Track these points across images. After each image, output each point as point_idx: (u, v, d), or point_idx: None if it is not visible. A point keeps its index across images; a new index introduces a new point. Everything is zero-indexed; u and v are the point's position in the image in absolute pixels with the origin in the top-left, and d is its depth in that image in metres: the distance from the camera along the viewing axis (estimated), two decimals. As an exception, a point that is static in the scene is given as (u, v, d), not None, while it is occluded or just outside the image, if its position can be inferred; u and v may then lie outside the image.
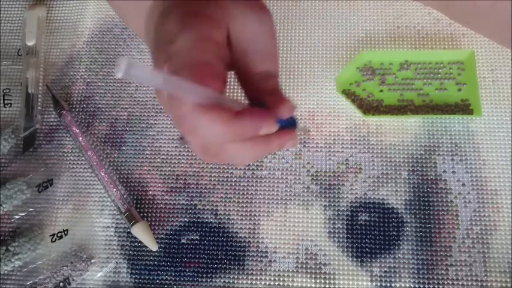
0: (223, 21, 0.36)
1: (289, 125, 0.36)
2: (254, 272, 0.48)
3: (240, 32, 0.36)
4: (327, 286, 0.47)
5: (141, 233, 0.49)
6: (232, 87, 0.55)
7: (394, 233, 0.48)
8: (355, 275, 0.47)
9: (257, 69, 0.37)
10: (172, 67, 0.33)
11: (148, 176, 0.52)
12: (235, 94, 0.55)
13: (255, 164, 0.52)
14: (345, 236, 0.49)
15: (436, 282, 0.46)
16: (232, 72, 0.38)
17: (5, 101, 0.57)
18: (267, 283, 0.47)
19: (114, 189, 0.51)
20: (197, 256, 0.49)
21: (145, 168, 0.53)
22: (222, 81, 0.34)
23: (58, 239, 0.51)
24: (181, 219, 0.50)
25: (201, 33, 0.34)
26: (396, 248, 0.48)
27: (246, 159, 0.37)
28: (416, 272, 0.47)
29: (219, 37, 0.35)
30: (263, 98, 0.36)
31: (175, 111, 0.33)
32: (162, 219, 0.50)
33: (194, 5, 0.36)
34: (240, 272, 0.48)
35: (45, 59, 0.59)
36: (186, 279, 0.48)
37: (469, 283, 0.46)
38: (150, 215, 0.51)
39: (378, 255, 0.48)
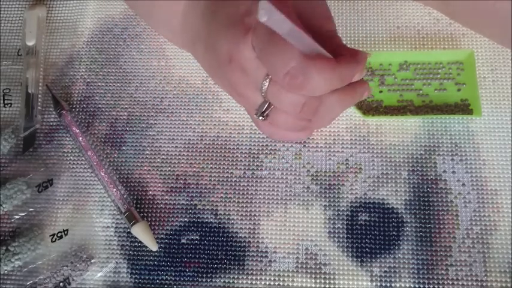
0: None
1: None
2: (254, 272, 0.48)
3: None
4: (327, 286, 0.47)
5: (141, 233, 0.49)
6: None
7: (394, 233, 0.48)
8: (355, 275, 0.47)
9: (320, 30, 0.37)
10: (260, 32, 0.34)
11: (148, 176, 0.52)
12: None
13: (255, 164, 0.52)
14: (345, 236, 0.49)
15: (436, 282, 0.46)
16: None
17: (5, 101, 0.57)
18: (267, 283, 0.47)
19: (114, 189, 0.51)
20: (197, 256, 0.49)
21: (145, 168, 0.53)
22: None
23: (58, 239, 0.51)
24: (181, 219, 0.50)
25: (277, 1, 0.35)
26: (396, 248, 0.48)
27: (337, 112, 0.39)
28: (416, 272, 0.47)
29: (290, 4, 0.36)
30: (339, 50, 0.37)
31: (282, 68, 0.33)
32: (162, 219, 0.50)
33: None
34: (240, 272, 0.48)
35: (45, 59, 0.59)
36: (186, 279, 0.48)
37: (469, 283, 0.46)
38: (150, 215, 0.51)
39: (378, 255, 0.48)
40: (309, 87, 0.34)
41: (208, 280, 0.48)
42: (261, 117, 0.39)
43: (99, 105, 0.56)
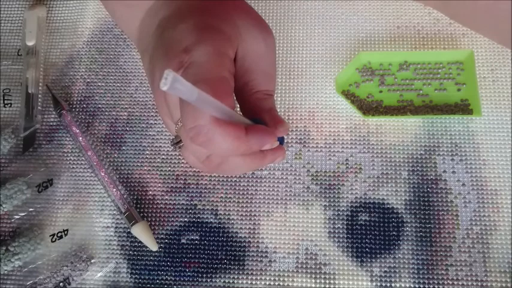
0: (236, 39, 0.37)
1: (279, 141, 0.39)
2: (254, 272, 0.48)
3: (247, 51, 0.38)
4: (327, 286, 0.47)
5: (141, 233, 0.49)
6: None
7: (394, 233, 0.48)
8: (355, 275, 0.47)
9: (258, 88, 0.39)
10: (188, 77, 0.35)
11: (148, 176, 0.52)
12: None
13: (255, 164, 0.52)
14: (345, 236, 0.49)
15: (436, 282, 0.46)
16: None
17: (5, 101, 0.57)
18: (267, 283, 0.47)
19: (114, 189, 0.51)
20: (197, 256, 0.49)
21: (145, 168, 0.53)
22: (233, 98, 0.36)
23: (58, 239, 0.51)
24: (181, 219, 0.50)
25: (219, 49, 0.36)
26: (396, 248, 0.48)
27: (242, 170, 0.39)
28: (416, 272, 0.47)
29: (232, 54, 0.37)
30: (261, 115, 0.38)
31: (189, 123, 0.34)
32: (162, 219, 0.50)
33: (210, 17, 0.38)
34: (240, 272, 0.48)
35: (45, 59, 0.59)
36: (186, 279, 0.48)
37: (469, 283, 0.46)
38: (150, 215, 0.51)
39: (378, 255, 0.48)
40: (210, 147, 0.34)
41: (208, 280, 0.48)
42: (173, 148, 0.40)
43: (99, 105, 0.56)
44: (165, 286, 0.48)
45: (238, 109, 0.40)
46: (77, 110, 0.56)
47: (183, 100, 0.34)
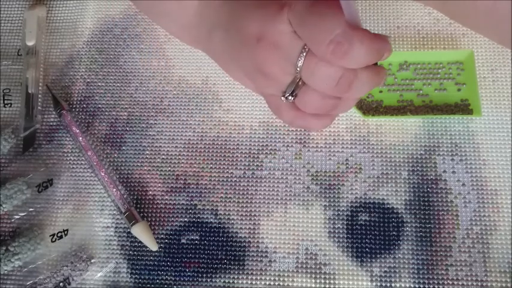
0: None
1: None
2: (254, 272, 0.48)
3: None
4: (327, 286, 0.47)
5: (141, 233, 0.49)
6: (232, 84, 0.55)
7: (394, 233, 0.48)
8: (355, 275, 0.47)
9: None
10: (299, 7, 0.35)
11: (148, 176, 0.52)
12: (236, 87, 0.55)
13: (255, 164, 0.52)
14: (345, 236, 0.49)
15: (436, 282, 0.46)
16: None
17: (5, 101, 0.57)
18: (267, 283, 0.47)
19: (114, 189, 0.51)
20: (197, 256, 0.49)
21: (145, 168, 0.53)
22: None
23: (58, 239, 0.51)
24: (181, 219, 0.50)
25: None
26: (396, 248, 0.48)
27: (367, 88, 0.38)
28: (416, 272, 0.47)
29: None
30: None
31: (328, 35, 0.33)
32: (162, 219, 0.50)
33: None
34: (240, 272, 0.48)
35: (45, 59, 0.59)
36: (186, 279, 0.48)
37: (469, 283, 0.46)
38: (150, 215, 0.51)
39: (378, 255, 0.48)
40: (352, 55, 0.34)
41: (208, 280, 0.48)
42: (290, 98, 0.39)
43: (99, 105, 0.56)
44: (165, 286, 0.48)
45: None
46: (77, 110, 0.56)
47: (307, 23, 0.34)
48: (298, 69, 0.37)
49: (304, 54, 0.36)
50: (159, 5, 0.48)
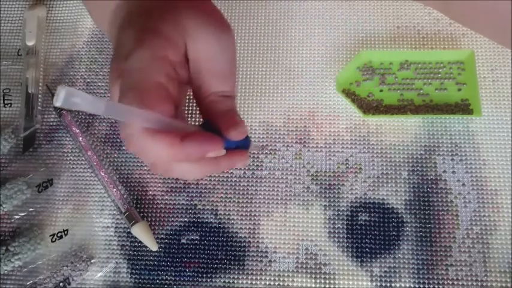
0: (181, 39, 0.36)
1: (241, 145, 0.37)
2: (254, 272, 0.48)
3: (196, 51, 0.36)
4: (327, 286, 0.47)
5: (141, 233, 0.49)
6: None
7: (394, 233, 0.48)
8: (355, 275, 0.47)
9: (211, 90, 0.37)
10: (122, 86, 0.34)
11: (148, 176, 0.52)
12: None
13: (255, 164, 0.52)
14: (345, 236, 0.49)
15: (436, 282, 0.46)
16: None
17: (5, 101, 0.57)
18: (267, 283, 0.47)
19: (114, 189, 0.51)
20: (197, 256, 0.49)
21: (145, 168, 0.53)
22: (172, 103, 0.34)
23: (58, 239, 0.51)
24: (181, 219, 0.50)
25: (155, 53, 0.34)
26: (396, 248, 0.48)
27: (195, 176, 0.37)
28: (416, 272, 0.47)
29: (175, 56, 0.35)
30: (217, 119, 0.36)
31: (122, 131, 0.33)
32: (162, 219, 0.50)
33: (153, 20, 0.36)
34: (240, 272, 0.48)
35: (45, 59, 0.59)
36: (186, 279, 0.48)
37: (469, 283, 0.46)
38: (150, 215, 0.51)
39: (378, 255, 0.48)
40: (144, 156, 0.34)
41: (208, 280, 0.48)
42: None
43: (99, 105, 0.56)
44: (165, 286, 0.48)
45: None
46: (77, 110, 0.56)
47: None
48: None
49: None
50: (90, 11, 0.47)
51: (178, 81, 0.35)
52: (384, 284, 0.46)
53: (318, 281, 0.47)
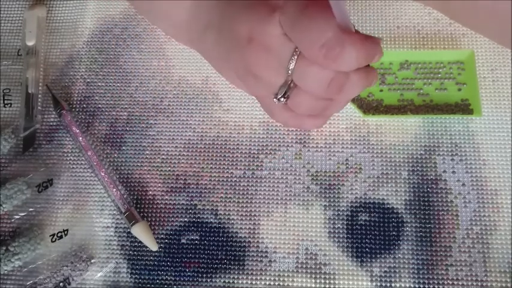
0: None
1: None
2: (254, 272, 0.48)
3: None
4: (327, 286, 0.47)
5: (141, 233, 0.49)
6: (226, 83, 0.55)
7: (394, 233, 0.48)
8: (355, 275, 0.47)
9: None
10: (291, 9, 0.35)
11: (148, 176, 0.52)
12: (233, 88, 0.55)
13: (255, 164, 0.52)
14: (345, 236, 0.49)
15: (436, 282, 0.46)
16: None
17: (5, 101, 0.57)
18: (267, 283, 0.47)
19: (114, 189, 0.51)
20: (197, 256, 0.49)
21: (145, 168, 0.53)
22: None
23: (58, 239, 0.51)
24: (181, 219, 0.50)
25: None
26: (396, 248, 0.48)
27: (358, 90, 0.38)
28: (416, 272, 0.47)
29: None
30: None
31: (319, 39, 0.33)
32: (162, 219, 0.50)
33: None
34: (240, 272, 0.48)
35: (45, 59, 0.59)
36: (186, 279, 0.48)
37: (469, 283, 0.46)
38: (150, 215, 0.51)
39: (378, 255, 0.48)
40: (343, 59, 0.34)
41: (208, 280, 0.48)
42: (282, 99, 0.39)
43: (99, 105, 0.56)
44: (165, 286, 0.48)
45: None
46: (77, 110, 0.56)
47: (299, 26, 0.34)
48: (289, 71, 0.37)
49: (296, 57, 0.36)
50: (153, 5, 0.48)
51: None
52: (383, 284, 0.46)
53: (318, 281, 0.47)
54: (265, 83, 0.39)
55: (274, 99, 0.39)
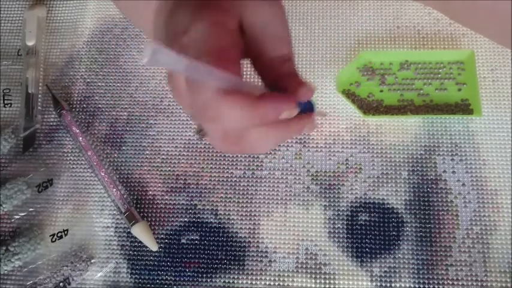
0: (235, 10, 0.36)
1: (307, 108, 0.37)
2: (254, 272, 0.48)
3: (253, 19, 0.36)
4: (327, 286, 0.47)
5: (141, 233, 0.49)
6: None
7: (394, 233, 0.48)
8: (355, 275, 0.47)
9: (272, 55, 0.37)
10: (190, 56, 0.33)
11: (148, 176, 0.52)
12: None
13: (255, 164, 0.52)
14: (345, 236, 0.49)
15: (436, 282, 0.46)
16: (247, 61, 0.38)
17: (5, 101, 0.57)
18: (267, 283, 0.47)
19: (114, 189, 0.51)
20: (197, 256, 0.49)
21: (145, 168, 0.53)
22: (239, 66, 0.34)
23: (58, 239, 0.51)
24: (181, 219, 0.50)
25: (215, 20, 0.34)
26: (396, 248, 0.48)
27: (267, 145, 0.36)
28: (416, 272, 0.47)
29: (232, 25, 0.35)
30: (281, 82, 0.36)
31: (196, 99, 0.32)
32: (162, 219, 0.50)
33: None
34: (240, 272, 0.48)
35: (45, 59, 0.59)
36: (186, 279, 0.48)
37: (469, 283, 0.46)
38: (150, 215, 0.51)
39: (378, 255, 0.48)
40: (221, 121, 0.33)
41: (208, 280, 0.48)
42: (198, 137, 0.38)
43: (99, 105, 0.56)
44: (165, 286, 0.48)
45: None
46: (77, 110, 0.56)
47: (187, 82, 0.33)
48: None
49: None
50: (128, 7, 0.47)
51: (238, 49, 0.35)
52: (384, 284, 0.46)
53: (318, 281, 0.47)
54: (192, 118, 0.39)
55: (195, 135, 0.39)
